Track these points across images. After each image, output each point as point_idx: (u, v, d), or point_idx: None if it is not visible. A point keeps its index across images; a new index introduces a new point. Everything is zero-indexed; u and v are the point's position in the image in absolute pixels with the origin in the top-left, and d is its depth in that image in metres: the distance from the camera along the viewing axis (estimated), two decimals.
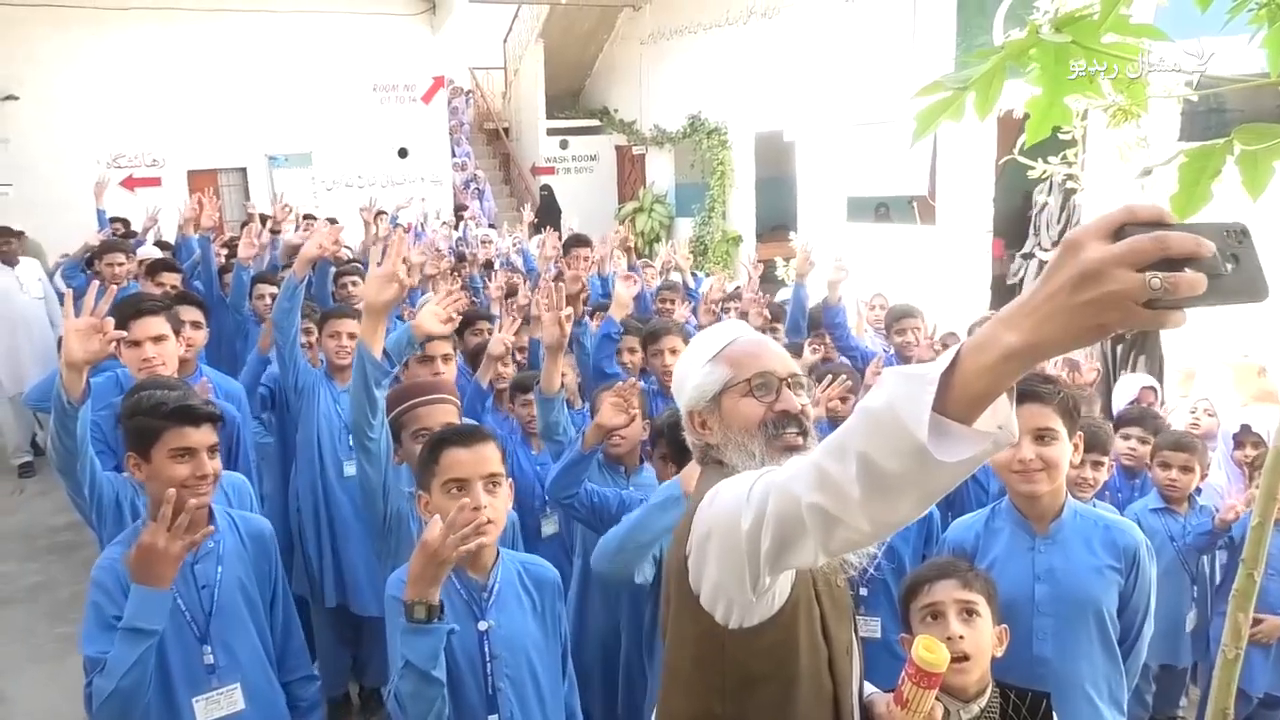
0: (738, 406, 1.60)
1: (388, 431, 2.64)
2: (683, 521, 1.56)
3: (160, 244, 8.22)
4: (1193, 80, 2.46)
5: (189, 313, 3.84)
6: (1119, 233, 0.85)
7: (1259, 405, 6.36)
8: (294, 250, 4.89)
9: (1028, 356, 0.91)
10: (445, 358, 3.56)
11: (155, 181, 12.94)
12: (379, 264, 2.65)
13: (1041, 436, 2.25)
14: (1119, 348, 6.73)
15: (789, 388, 1.61)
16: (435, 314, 3.03)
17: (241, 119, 13.37)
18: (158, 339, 3.19)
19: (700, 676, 1.53)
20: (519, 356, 4.40)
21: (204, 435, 2.27)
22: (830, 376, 3.55)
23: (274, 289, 4.83)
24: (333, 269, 5.68)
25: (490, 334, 4.91)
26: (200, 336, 3.96)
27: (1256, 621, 3.39)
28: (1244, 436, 3.93)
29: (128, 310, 3.13)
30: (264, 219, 7.70)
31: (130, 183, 12.82)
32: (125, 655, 2.04)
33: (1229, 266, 0.83)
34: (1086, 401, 3.87)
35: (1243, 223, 0.86)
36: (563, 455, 2.92)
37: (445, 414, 2.77)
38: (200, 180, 12.85)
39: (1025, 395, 2.26)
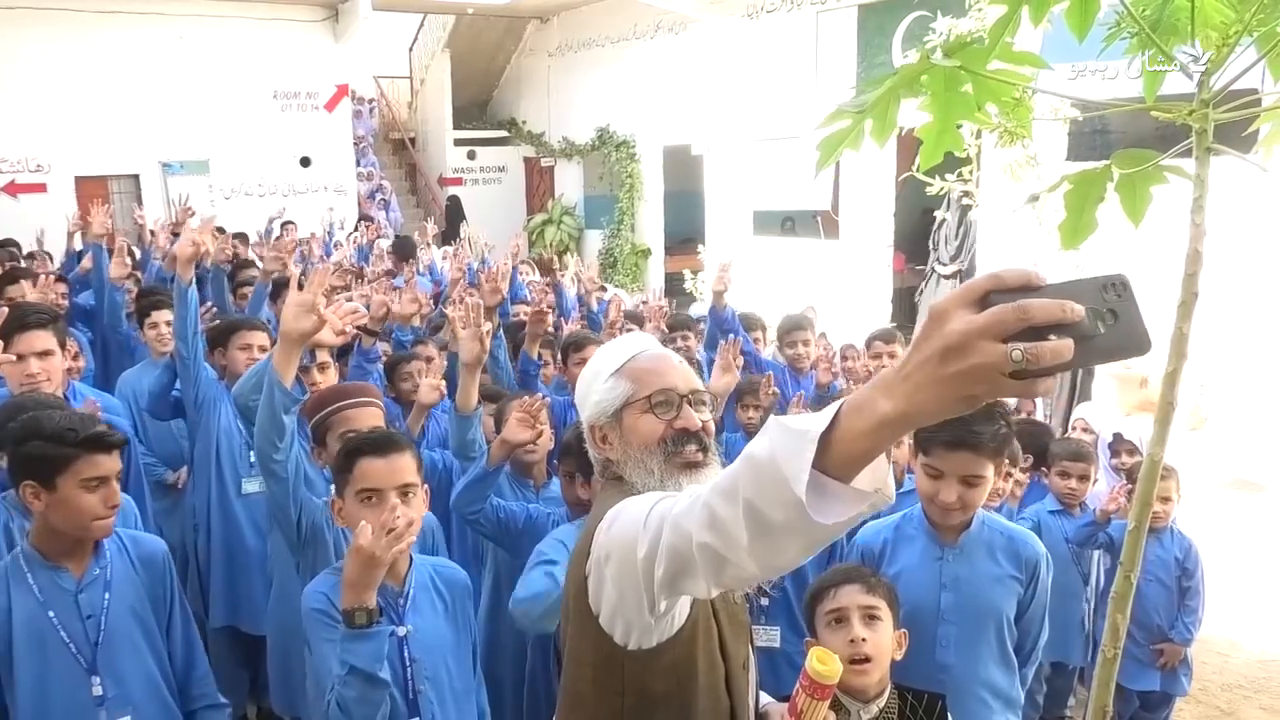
0: (638, 423, 1.59)
1: (296, 450, 2.61)
2: (582, 540, 1.54)
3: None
4: (1078, 103, 2.58)
5: (70, 345, 3.68)
6: (985, 300, 0.84)
7: (1141, 415, 6.69)
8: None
9: (902, 424, 0.91)
10: (322, 367, 3.51)
11: (40, 188, 12.40)
12: (299, 289, 2.59)
13: (968, 483, 2.29)
14: None
15: (690, 405, 1.60)
16: (330, 324, 2.97)
17: (134, 124, 12.89)
18: (44, 354, 3.04)
19: (599, 697, 1.52)
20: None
21: (114, 462, 2.19)
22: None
23: (169, 315, 4.31)
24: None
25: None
26: (79, 367, 3.82)
27: (1159, 653, 3.60)
28: (1118, 445, 4.14)
29: (13, 323, 2.98)
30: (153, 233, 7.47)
31: (13, 189, 12.25)
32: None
33: (1106, 324, 0.81)
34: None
35: (1123, 275, 0.85)
36: (469, 470, 2.90)
37: (372, 416, 2.78)
38: (89, 187, 12.34)
39: (962, 443, 2.25)
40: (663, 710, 1.49)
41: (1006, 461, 2.59)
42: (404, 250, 8.89)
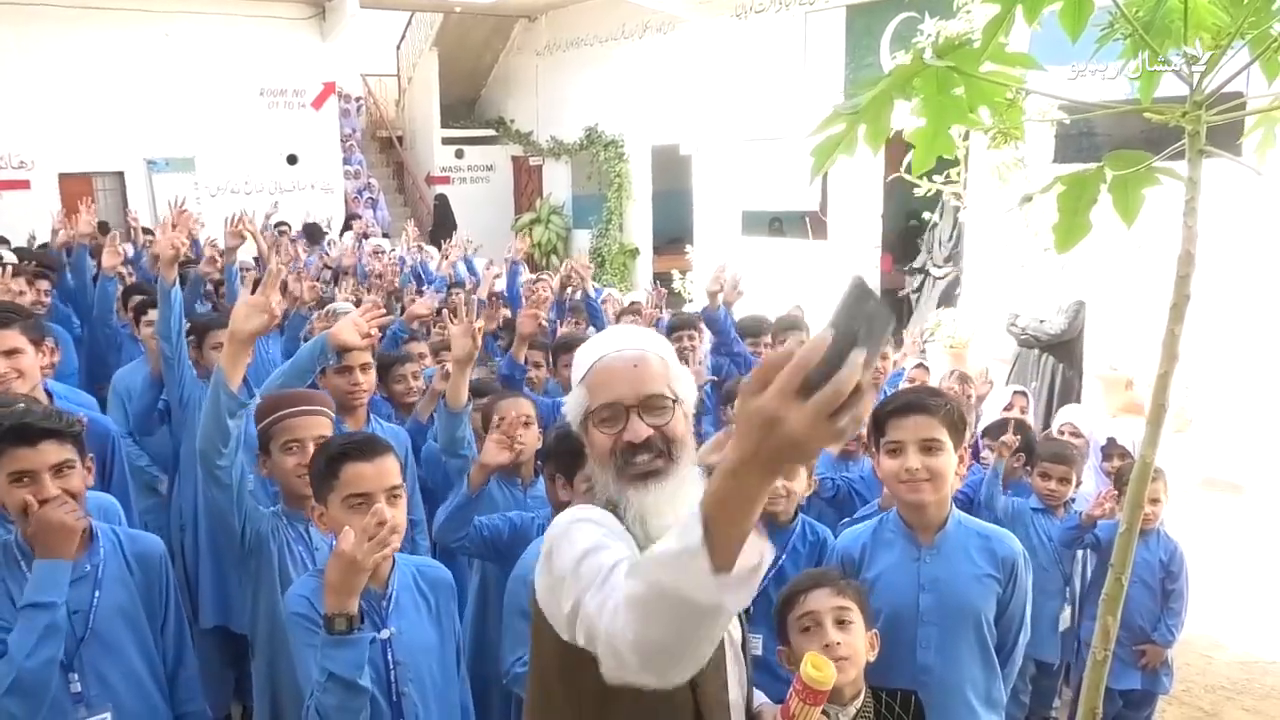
0: (593, 436, 1.60)
1: (240, 457, 2.54)
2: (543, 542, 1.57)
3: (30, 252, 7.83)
4: (1066, 105, 2.57)
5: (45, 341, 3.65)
6: (806, 385, 0.93)
7: (1126, 416, 6.73)
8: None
9: (762, 494, 1.02)
10: (364, 367, 3.44)
11: (24, 184, 12.30)
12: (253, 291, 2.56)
13: (928, 447, 2.30)
14: (1036, 354, 6.96)
15: (642, 413, 1.56)
16: (356, 325, 2.94)
17: (119, 121, 12.81)
18: (11, 353, 2.98)
19: (561, 690, 1.54)
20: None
21: (42, 455, 2.09)
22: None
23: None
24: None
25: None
26: (51, 364, 3.78)
27: (1141, 654, 3.61)
28: (1111, 449, 4.14)
29: None
30: (147, 231, 7.46)
31: None
32: (25, 636, 1.97)
33: (865, 335, 0.92)
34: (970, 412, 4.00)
35: (860, 278, 0.96)
36: (449, 499, 2.86)
37: (319, 425, 2.65)
38: (73, 184, 12.26)
39: (913, 407, 2.32)
40: (619, 704, 1.47)
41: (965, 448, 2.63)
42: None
